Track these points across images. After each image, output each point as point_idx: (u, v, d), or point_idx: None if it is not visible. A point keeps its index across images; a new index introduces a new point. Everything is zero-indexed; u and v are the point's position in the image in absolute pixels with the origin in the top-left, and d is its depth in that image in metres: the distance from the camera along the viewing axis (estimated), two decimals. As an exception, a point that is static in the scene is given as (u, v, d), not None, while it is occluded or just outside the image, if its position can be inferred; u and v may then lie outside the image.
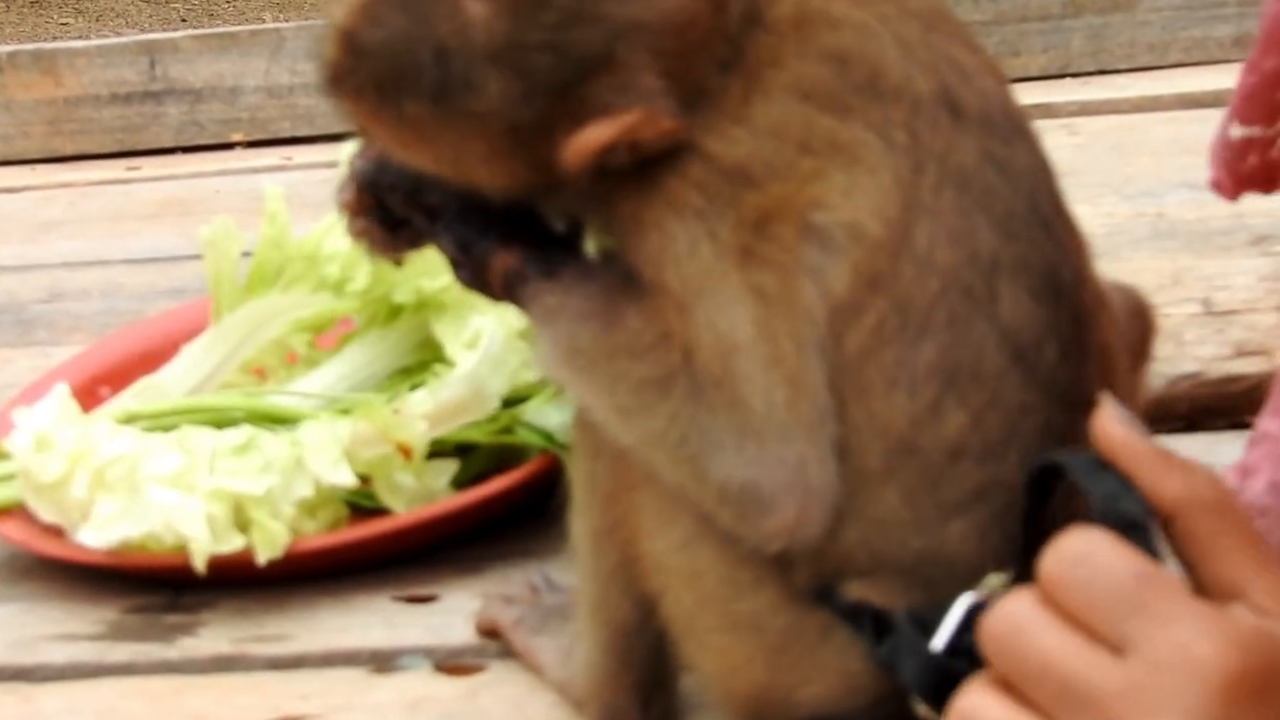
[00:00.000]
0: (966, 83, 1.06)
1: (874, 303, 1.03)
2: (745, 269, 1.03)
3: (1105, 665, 0.91)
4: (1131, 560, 0.90)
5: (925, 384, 1.02)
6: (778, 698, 1.09)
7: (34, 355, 1.77)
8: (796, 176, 1.04)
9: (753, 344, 1.03)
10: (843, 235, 1.03)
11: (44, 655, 1.33)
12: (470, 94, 1.06)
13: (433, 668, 1.28)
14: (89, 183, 2.29)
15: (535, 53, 1.05)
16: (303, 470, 1.36)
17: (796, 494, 1.03)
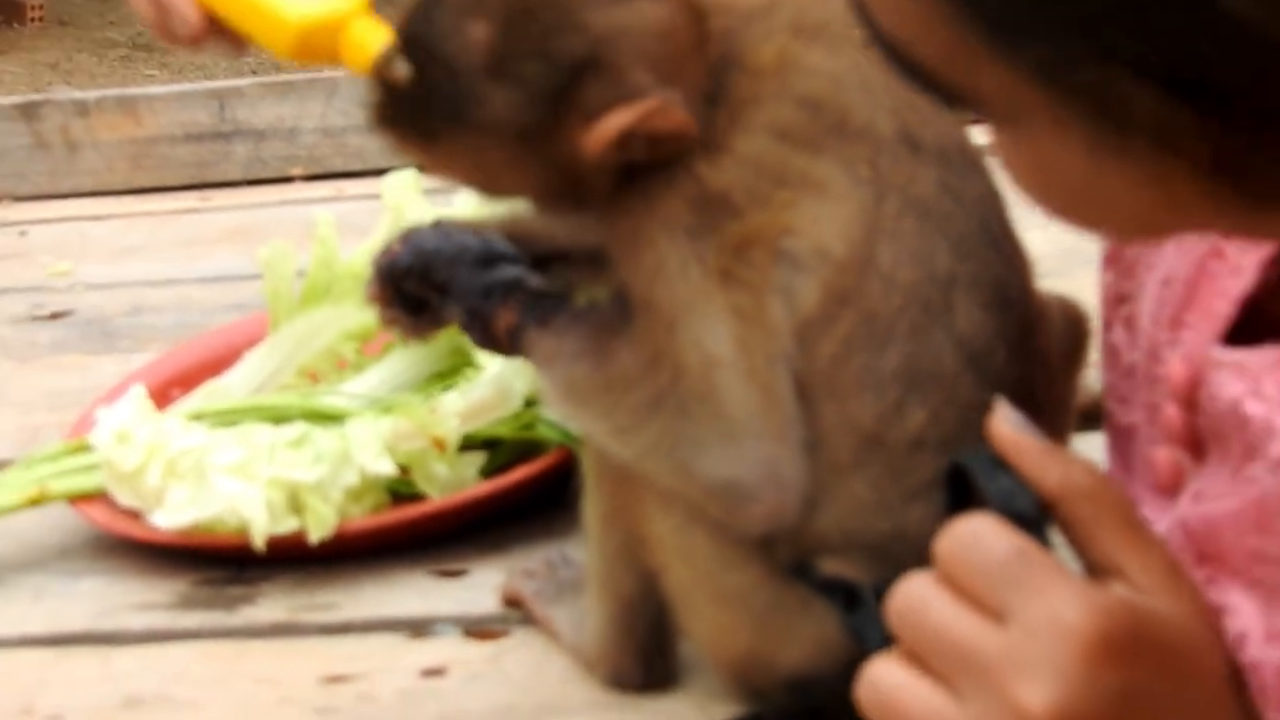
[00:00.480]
0: (925, 123, 1.06)
1: (844, 315, 1.03)
2: (726, 290, 1.04)
3: (989, 632, 0.90)
4: (1014, 541, 0.89)
5: (890, 386, 1.03)
6: (762, 662, 1.09)
7: (117, 361, 1.77)
8: (772, 206, 1.04)
9: (733, 359, 1.03)
10: (811, 257, 1.03)
11: (123, 622, 1.33)
12: (479, 107, 1.06)
13: (462, 634, 1.28)
14: (165, 212, 2.28)
15: (527, 62, 1.05)
16: (349, 461, 1.36)
17: (772, 487, 1.03)
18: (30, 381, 1.76)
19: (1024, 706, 0.86)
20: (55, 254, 2.14)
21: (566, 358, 1.10)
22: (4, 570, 1.40)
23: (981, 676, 0.88)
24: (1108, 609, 0.88)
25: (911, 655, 0.91)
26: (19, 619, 1.34)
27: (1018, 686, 0.87)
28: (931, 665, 0.90)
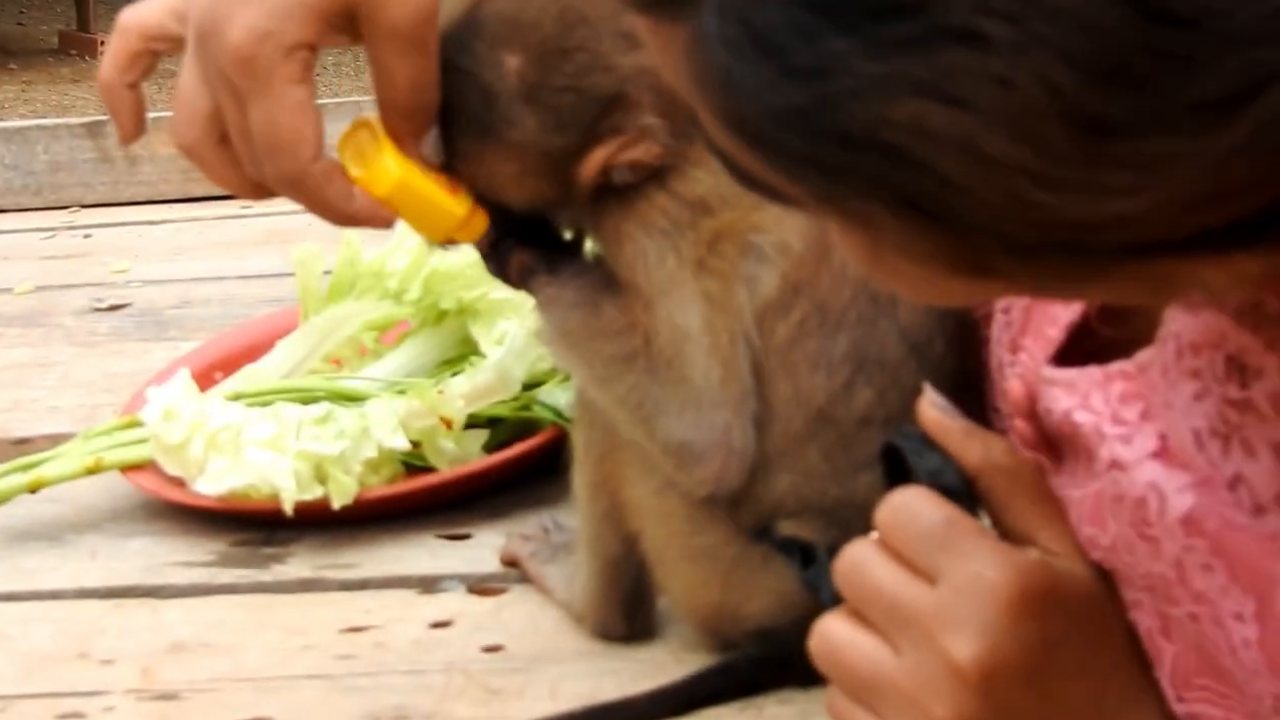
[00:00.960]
0: None
1: (798, 303, 1.02)
2: (699, 277, 1.03)
3: (922, 591, 0.89)
4: (943, 510, 0.89)
5: (840, 368, 1.02)
6: (729, 614, 1.08)
7: (167, 348, 1.75)
8: (743, 206, 1.03)
9: (699, 335, 1.02)
10: (774, 251, 1.03)
11: (169, 578, 1.31)
12: (510, 128, 1.05)
13: (466, 590, 1.26)
14: (213, 217, 2.27)
15: (560, 94, 1.04)
16: (368, 437, 1.34)
17: (721, 452, 1.03)
18: (91, 365, 1.73)
19: (953, 657, 0.85)
20: (116, 254, 2.12)
21: (565, 304, 1.08)
22: (64, 531, 1.38)
23: (916, 631, 0.87)
24: (1025, 568, 0.87)
25: (855, 612, 0.90)
26: (77, 574, 1.32)
27: (947, 639, 0.86)
28: (872, 621, 0.89)
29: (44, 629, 1.25)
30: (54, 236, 2.24)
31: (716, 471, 1.04)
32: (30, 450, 1.45)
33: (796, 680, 1.07)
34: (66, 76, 9.34)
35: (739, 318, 1.03)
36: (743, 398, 1.03)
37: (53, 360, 1.76)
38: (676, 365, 1.04)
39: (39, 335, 1.84)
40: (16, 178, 2.37)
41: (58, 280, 2.03)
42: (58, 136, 2.38)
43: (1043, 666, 0.86)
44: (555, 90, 1.04)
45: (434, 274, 1.49)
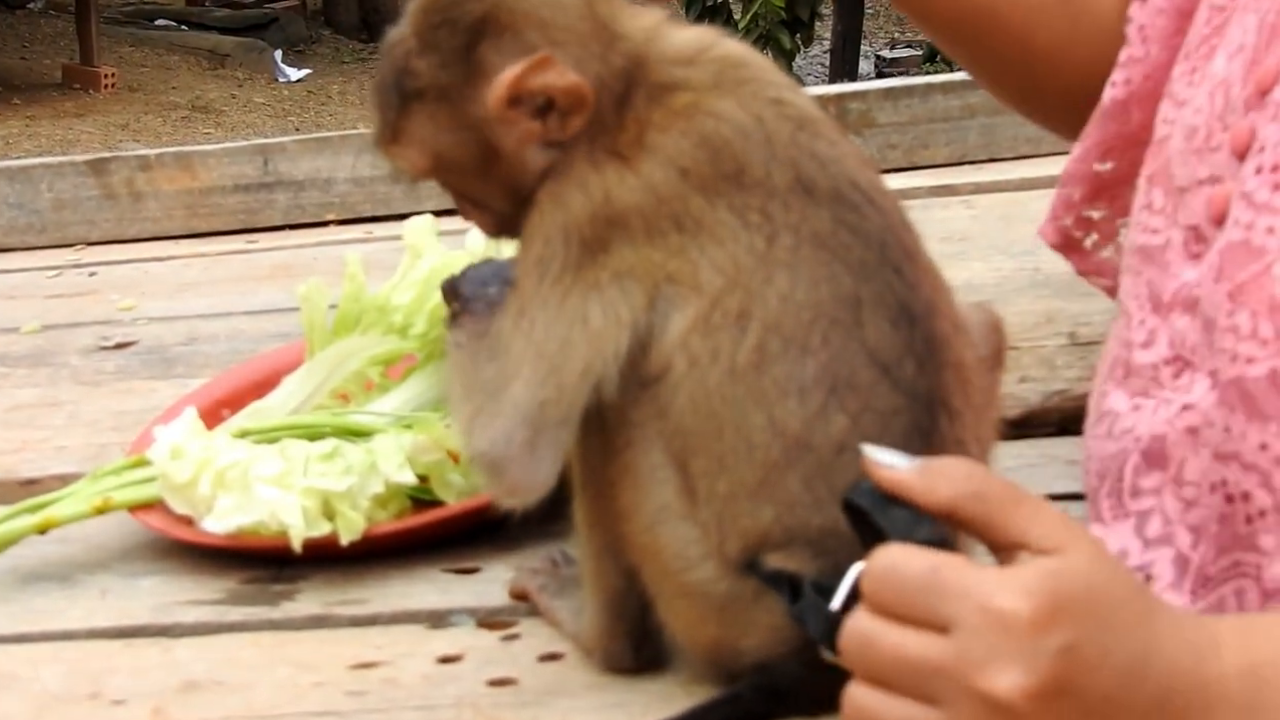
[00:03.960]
0: (822, 169, 1.07)
1: (750, 328, 1.04)
2: (586, 299, 1.05)
3: (937, 642, 0.91)
4: (925, 558, 0.92)
5: (812, 393, 1.03)
6: (727, 649, 1.09)
7: (174, 385, 1.76)
8: (665, 248, 1.05)
9: (550, 356, 1.05)
10: (684, 300, 1.05)
11: (178, 616, 1.32)
12: (411, 78, 1.08)
13: (475, 624, 1.27)
14: (218, 253, 2.28)
15: (437, 30, 1.08)
16: (376, 472, 1.35)
17: (516, 468, 1.06)
18: (98, 404, 1.75)
19: (993, 693, 0.88)
20: (121, 291, 2.14)
21: (455, 344, 1.14)
22: (74, 571, 1.39)
23: (947, 681, 0.89)
24: (1026, 585, 0.90)
25: (877, 682, 0.91)
26: (88, 614, 1.33)
27: (982, 679, 0.89)
28: (899, 686, 0.91)
29: (55, 670, 1.26)
30: (60, 275, 2.25)
31: (509, 487, 1.08)
32: (39, 491, 1.46)
33: (802, 710, 1.07)
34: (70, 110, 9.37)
35: (602, 357, 1.06)
36: (559, 424, 1.06)
37: (60, 400, 1.77)
38: (509, 379, 1.06)
39: (46, 375, 1.85)
40: (21, 216, 2.39)
41: (64, 319, 2.04)
42: (62, 174, 2.40)
43: (1068, 671, 0.89)
44: (433, 28, 1.08)
45: (439, 308, 1.49)
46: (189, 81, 10.35)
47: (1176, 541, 1.12)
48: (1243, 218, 1.08)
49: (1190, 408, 1.11)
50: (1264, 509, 1.06)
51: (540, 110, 1.07)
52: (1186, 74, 1.23)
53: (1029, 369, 1.48)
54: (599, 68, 1.08)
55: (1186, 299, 1.15)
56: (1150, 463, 1.15)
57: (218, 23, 11.84)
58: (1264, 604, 1.07)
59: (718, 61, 1.10)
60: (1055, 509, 0.94)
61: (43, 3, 11.18)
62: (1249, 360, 1.06)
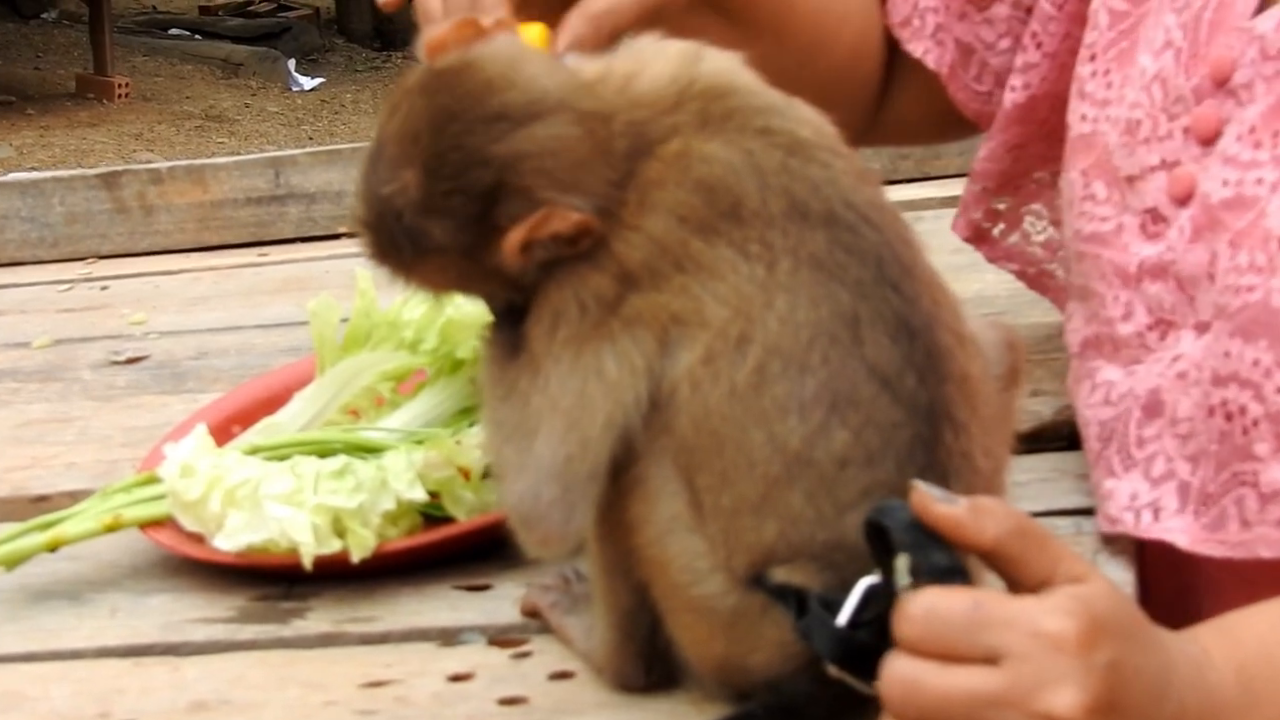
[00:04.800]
0: (814, 193, 1.07)
1: (750, 350, 1.04)
2: (599, 352, 1.06)
3: (989, 675, 0.94)
4: (965, 596, 0.95)
5: (812, 410, 1.04)
6: (735, 665, 1.09)
7: (185, 400, 1.76)
8: (669, 289, 1.06)
9: (568, 410, 1.06)
10: (692, 338, 1.06)
11: (188, 634, 1.31)
12: (424, 238, 1.10)
13: (486, 642, 1.26)
14: (229, 266, 2.28)
15: (448, 197, 1.08)
16: (386, 489, 1.35)
17: (546, 523, 1.07)
18: (109, 420, 1.75)
19: (1055, 714, 0.92)
20: (133, 305, 2.14)
21: (487, 362, 1.15)
22: (84, 589, 1.39)
23: (1005, 710, 0.94)
24: (1067, 608, 0.94)
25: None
26: (97, 632, 1.33)
27: (1040, 702, 0.92)
28: None
29: (64, 689, 1.26)
30: (71, 289, 2.25)
31: (540, 539, 1.09)
32: (49, 508, 1.46)
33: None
34: (84, 120, 9.39)
35: (622, 407, 1.06)
36: (588, 478, 1.07)
37: (71, 415, 1.77)
38: (531, 437, 1.07)
39: (57, 390, 1.85)
40: (33, 230, 2.39)
41: (75, 333, 2.04)
42: (73, 188, 2.40)
43: (1116, 686, 0.94)
44: (443, 195, 1.09)
45: (449, 323, 1.50)
46: (202, 91, 10.37)
47: (1178, 473, 1.25)
48: (1230, 178, 1.23)
49: (1180, 357, 1.24)
50: (1257, 418, 1.19)
51: (555, 243, 1.08)
52: (1100, 75, 1.36)
53: (1041, 382, 1.48)
54: (606, 176, 1.09)
55: (1154, 267, 1.28)
56: (1149, 414, 1.27)
57: (231, 32, 11.87)
58: (1262, 508, 1.19)
59: (701, 98, 1.10)
60: None
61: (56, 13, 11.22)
62: (1249, 289, 1.19)
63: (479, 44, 1.14)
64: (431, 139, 1.09)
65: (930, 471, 1.02)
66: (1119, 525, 1.27)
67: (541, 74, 1.11)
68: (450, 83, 1.11)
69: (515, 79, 1.10)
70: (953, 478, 1.04)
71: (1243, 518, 1.21)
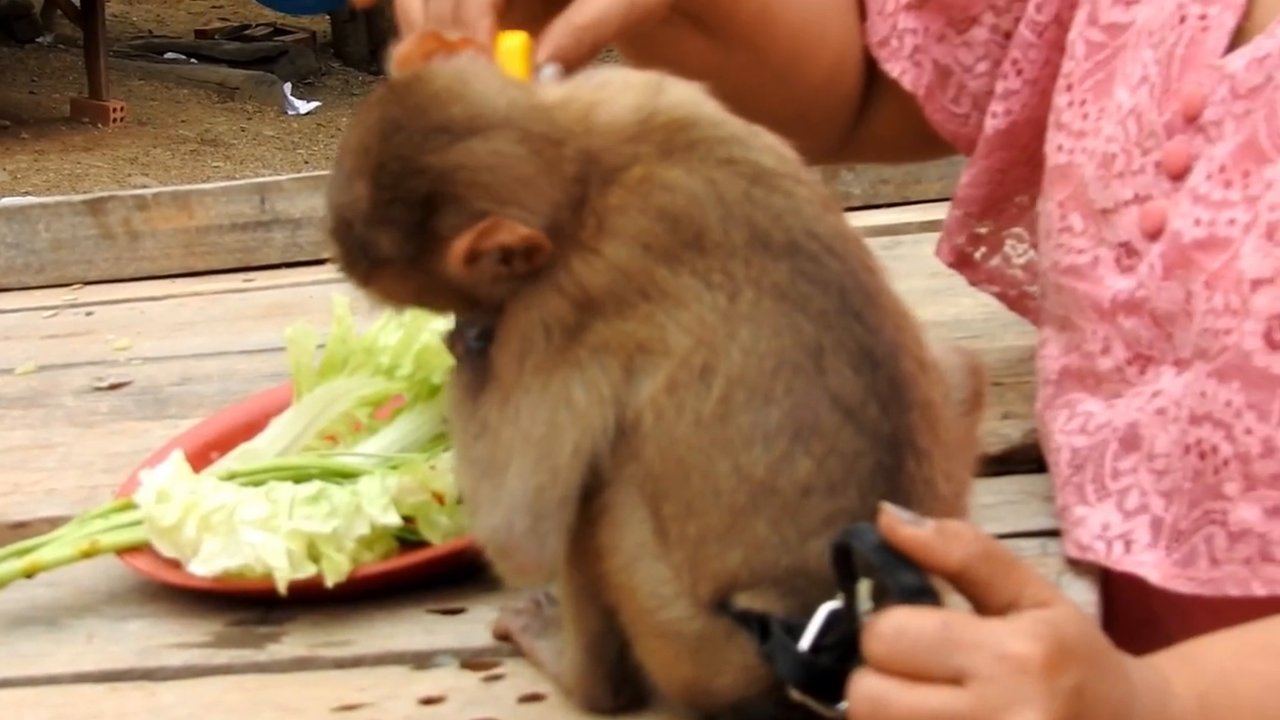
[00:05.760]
0: (776, 223, 1.08)
1: (715, 381, 1.05)
2: (568, 380, 1.07)
3: (956, 696, 0.96)
4: (933, 616, 0.96)
5: (777, 439, 1.05)
6: (701, 688, 1.10)
7: (167, 426, 1.77)
8: (634, 317, 1.07)
9: (538, 441, 1.07)
10: (655, 365, 1.07)
11: (164, 659, 1.33)
12: (375, 249, 1.11)
13: (459, 665, 1.28)
14: (214, 292, 2.29)
15: (390, 206, 1.09)
16: (361, 514, 1.36)
17: (520, 553, 1.09)
18: (90, 446, 1.76)
19: None
20: (117, 331, 2.15)
21: (454, 392, 1.17)
22: (61, 614, 1.41)
23: None
24: (1034, 632, 0.96)
25: None
26: (73, 658, 1.34)
27: None
28: None
29: (40, 715, 1.27)
30: (56, 315, 2.26)
31: (516, 567, 1.11)
32: (28, 534, 1.47)
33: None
34: (79, 145, 9.41)
35: (590, 435, 1.07)
36: (559, 506, 1.08)
37: (53, 441, 1.78)
38: (503, 469, 1.09)
39: (39, 416, 1.87)
40: (18, 256, 2.41)
41: (59, 359, 2.05)
42: (59, 214, 2.41)
43: (1080, 710, 0.95)
44: (385, 204, 1.10)
45: (425, 349, 1.51)
46: (198, 114, 10.39)
47: (1152, 508, 1.27)
48: (1203, 217, 1.25)
49: (1160, 394, 1.26)
50: (1227, 458, 1.21)
51: (502, 258, 1.09)
52: (1076, 106, 1.38)
53: (1012, 405, 1.49)
54: (552, 196, 1.10)
55: (1127, 303, 1.31)
56: (1126, 447, 1.28)
57: (227, 56, 11.89)
58: (1231, 546, 1.22)
59: (664, 129, 1.11)
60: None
61: (52, 37, 11.24)
62: (1226, 332, 1.22)
63: (442, 58, 1.16)
64: (378, 150, 1.11)
65: (893, 499, 1.03)
66: (1089, 553, 1.28)
67: (491, 92, 1.12)
68: (401, 95, 1.13)
69: (462, 93, 1.12)
70: (915, 504, 1.05)
71: (1212, 555, 1.23)
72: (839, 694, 0.99)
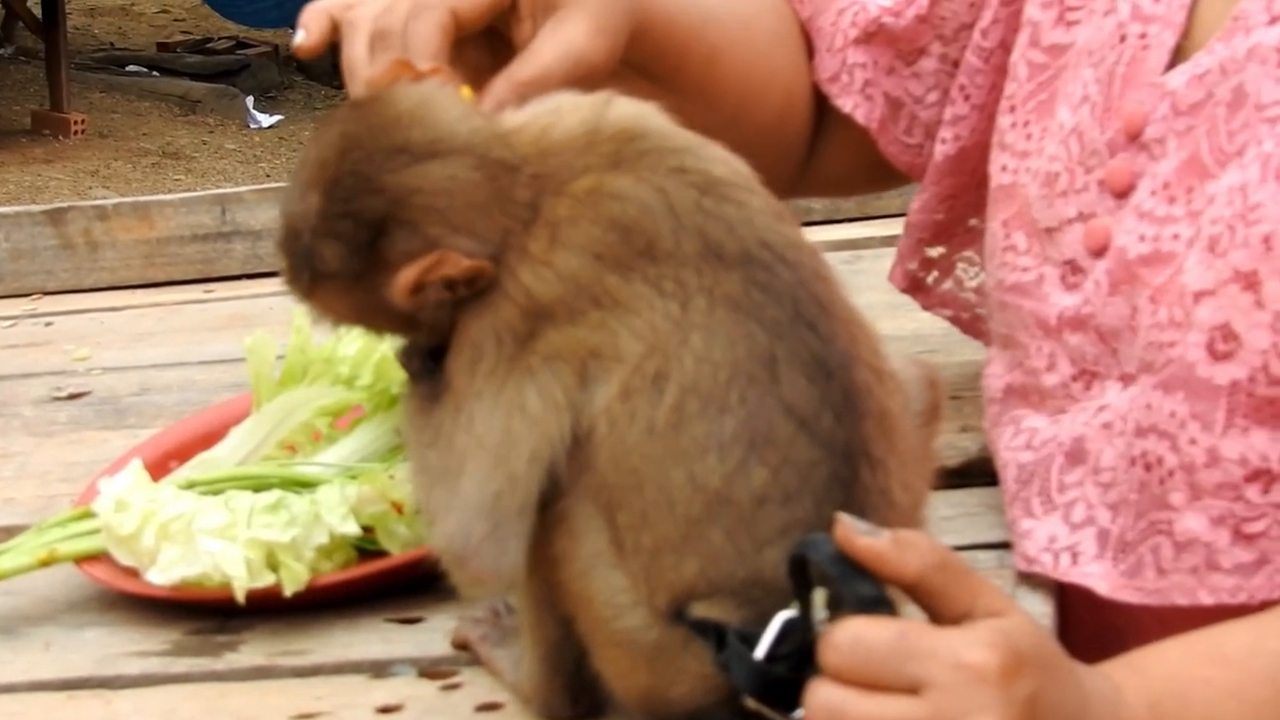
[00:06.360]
0: (729, 232, 1.08)
1: (668, 389, 1.05)
2: (521, 387, 1.07)
3: (912, 703, 0.96)
4: (890, 626, 0.97)
5: (731, 449, 1.05)
6: (658, 697, 1.10)
7: (126, 436, 1.77)
8: (586, 324, 1.07)
9: (493, 447, 1.07)
10: (609, 371, 1.07)
11: (122, 668, 1.33)
12: (319, 261, 1.12)
13: (418, 674, 1.28)
14: (174, 302, 2.29)
15: (340, 220, 1.09)
16: (320, 523, 1.36)
17: (478, 560, 1.08)
18: (49, 456, 1.76)
19: None
20: (77, 341, 2.14)
21: (409, 406, 1.17)
22: (18, 623, 1.41)
23: None
24: (989, 641, 0.97)
25: None
26: (30, 666, 1.34)
27: None
28: None
29: (-4, 723, 1.27)
30: (15, 325, 2.26)
31: (474, 576, 1.10)
32: (-14, 543, 1.47)
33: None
34: (39, 157, 9.37)
35: (548, 441, 1.07)
36: (518, 514, 1.08)
37: (10, 451, 1.78)
38: (458, 477, 1.09)
39: (-3, 426, 1.86)
40: (-23, 266, 2.40)
41: (18, 370, 2.05)
42: (19, 224, 2.40)
43: (1036, 718, 0.96)
44: (335, 218, 1.11)
45: (385, 359, 1.51)
46: (160, 128, 10.36)
47: (1098, 520, 1.28)
48: (1147, 233, 1.27)
49: (1106, 408, 1.28)
50: (1172, 469, 1.22)
51: (446, 286, 1.10)
52: (1019, 127, 1.40)
53: (970, 418, 1.50)
54: (503, 222, 1.11)
55: (1073, 319, 1.32)
56: (1072, 461, 1.30)
57: (189, 69, 11.85)
58: (1177, 556, 1.23)
59: (613, 140, 1.12)
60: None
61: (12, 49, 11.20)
62: (1170, 345, 1.23)
63: (408, 84, 1.17)
64: (335, 165, 1.12)
65: (848, 509, 1.04)
66: (1036, 566, 1.29)
67: (453, 118, 1.13)
68: (364, 113, 1.14)
69: (424, 117, 1.13)
70: (870, 514, 1.05)
71: (1159, 565, 1.24)
72: (795, 703, 1.00)
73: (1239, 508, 1.20)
